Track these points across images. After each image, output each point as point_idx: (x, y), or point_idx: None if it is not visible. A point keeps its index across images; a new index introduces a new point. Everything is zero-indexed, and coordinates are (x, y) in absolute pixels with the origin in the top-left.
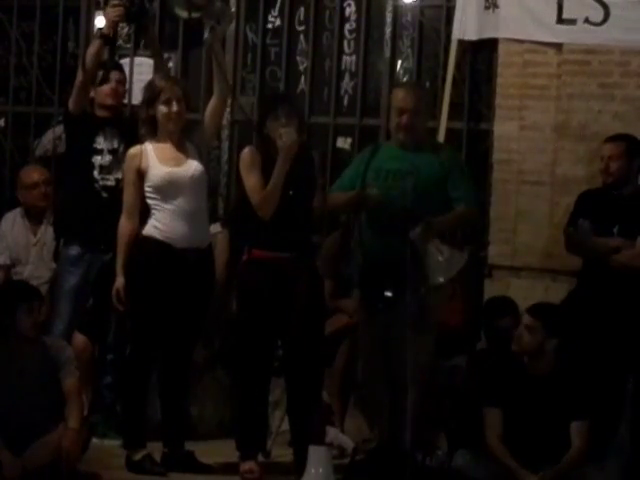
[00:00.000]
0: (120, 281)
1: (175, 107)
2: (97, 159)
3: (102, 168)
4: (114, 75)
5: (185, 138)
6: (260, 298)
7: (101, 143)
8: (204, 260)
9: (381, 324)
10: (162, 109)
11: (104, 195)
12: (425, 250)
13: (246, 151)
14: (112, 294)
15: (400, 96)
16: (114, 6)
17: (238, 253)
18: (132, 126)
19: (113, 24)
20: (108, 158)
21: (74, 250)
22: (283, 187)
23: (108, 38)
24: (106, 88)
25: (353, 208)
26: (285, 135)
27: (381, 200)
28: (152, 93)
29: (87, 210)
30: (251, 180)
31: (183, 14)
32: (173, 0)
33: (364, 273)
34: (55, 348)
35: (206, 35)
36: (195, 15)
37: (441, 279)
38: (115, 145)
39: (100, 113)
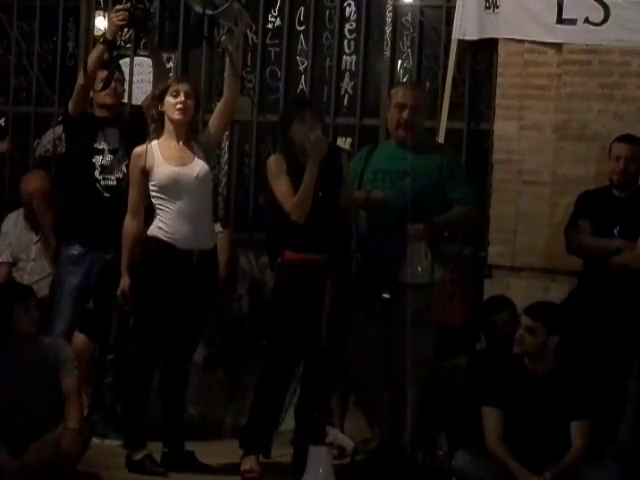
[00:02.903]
0: (125, 281)
1: (182, 98)
2: (98, 159)
3: (103, 168)
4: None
5: (192, 138)
6: (292, 300)
7: (102, 143)
8: (208, 261)
9: (379, 324)
10: (169, 100)
11: (106, 195)
12: (413, 248)
13: (271, 159)
14: (117, 295)
15: (400, 93)
16: (117, 11)
17: (276, 258)
18: (132, 126)
19: (117, 29)
20: (109, 158)
21: (75, 250)
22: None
23: (111, 43)
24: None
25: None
26: (314, 138)
27: (385, 202)
28: (162, 89)
29: (89, 210)
30: (281, 187)
31: (198, 9)
32: None
33: (361, 273)
34: (54, 348)
35: (223, 37)
36: (209, 13)
37: (409, 280)
38: (115, 145)
39: (100, 113)
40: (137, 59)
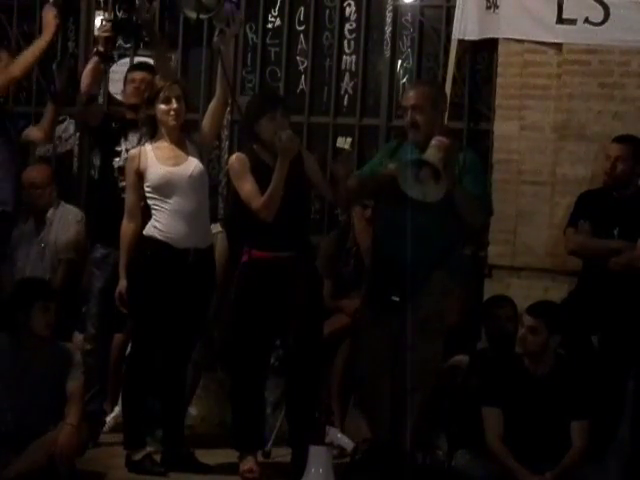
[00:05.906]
0: (122, 284)
1: (174, 104)
2: (116, 161)
3: (120, 170)
4: (138, 75)
5: (186, 138)
6: (260, 298)
7: (121, 145)
8: (205, 260)
9: (388, 326)
10: (161, 107)
11: (123, 196)
12: (428, 168)
13: (234, 158)
14: (115, 297)
15: (406, 94)
16: (103, 22)
17: (237, 255)
18: None
19: (105, 40)
20: (125, 159)
21: (98, 252)
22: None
23: (103, 54)
24: (129, 88)
25: (373, 188)
26: (286, 137)
27: (394, 174)
28: (150, 93)
29: (110, 212)
30: (246, 186)
31: (192, 15)
32: (182, 1)
33: (373, 274)
34: (64, 352)
35: (215, 38)
36: (203, 17)
37: (414, 194)
38: (134, 145)
39: (129, 115)
40: (137, 59)
